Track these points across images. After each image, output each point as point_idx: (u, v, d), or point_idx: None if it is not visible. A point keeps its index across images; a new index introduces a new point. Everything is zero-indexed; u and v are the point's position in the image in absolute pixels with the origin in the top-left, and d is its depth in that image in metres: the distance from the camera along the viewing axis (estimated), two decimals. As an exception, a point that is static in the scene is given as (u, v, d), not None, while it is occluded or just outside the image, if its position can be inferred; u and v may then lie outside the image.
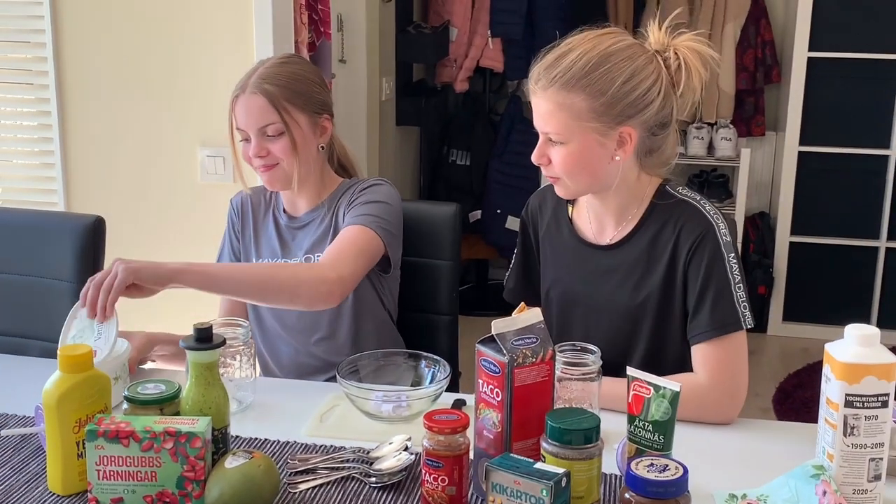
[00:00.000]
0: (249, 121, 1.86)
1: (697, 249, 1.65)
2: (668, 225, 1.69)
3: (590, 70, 1.59)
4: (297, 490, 1.38)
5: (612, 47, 1.61)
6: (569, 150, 1.62)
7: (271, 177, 1.90)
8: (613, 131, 1.61)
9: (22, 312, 2.03)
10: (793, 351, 4.43)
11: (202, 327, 1.38)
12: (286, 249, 1.97)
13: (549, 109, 1.62)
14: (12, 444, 1.51)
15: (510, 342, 1.31)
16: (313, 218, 1.96)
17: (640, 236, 1.71)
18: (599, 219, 1.76)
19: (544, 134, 1.65)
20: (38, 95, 2.96)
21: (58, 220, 2.13)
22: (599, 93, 1.58)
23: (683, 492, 1.17)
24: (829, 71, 4.45)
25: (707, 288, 1.64)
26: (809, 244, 4.60)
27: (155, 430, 1.28)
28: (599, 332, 1.73)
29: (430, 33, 4.59)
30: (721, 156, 4.63)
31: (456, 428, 1.29)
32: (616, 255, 1.73)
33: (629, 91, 1.60)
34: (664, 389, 1.30)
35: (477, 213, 4.87)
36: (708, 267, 1.64)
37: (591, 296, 1.76)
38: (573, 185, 1.68)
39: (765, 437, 1.60)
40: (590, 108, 1.59)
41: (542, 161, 1.67)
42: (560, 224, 1.82)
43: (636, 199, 1.72)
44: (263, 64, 1.91)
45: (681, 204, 1.70)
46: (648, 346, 1.73)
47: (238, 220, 2.04)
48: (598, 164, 1.64)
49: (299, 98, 1.88)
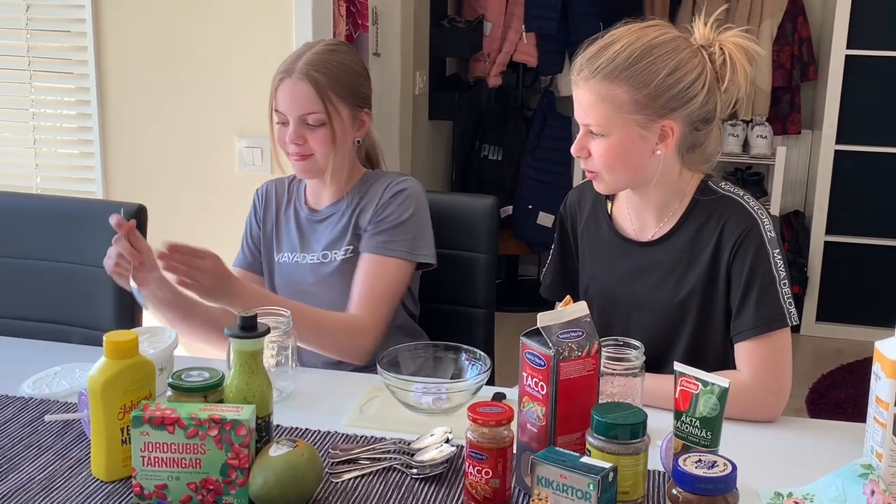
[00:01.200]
0: (292, 107, 1.84)
1: (742, 245, 1.63)
2: (710, 221, 1.67)
3: (633, 61, 1.57)
4: (339, 480, 1.38)
5: (656, 39, 1.60)
6: (609, 143, 1.60)
7: (304, 167, 1.89)
8: (655, 124, 1.60)
9: (63, 300, 2.04)
10: (826, 351, 4.39)
11: (247, 316, 1.38)
12: (305, 244, 1.96)
13: (591, 100, 1.59)
14: (55, 431, 1.52)
15: (556, 335, 1.30)
16: (334, 212, 1.95)
17: (681, 232, 1.69)
18: (640, 215, 1.74)
19: (585, 126, 1.63)
20: (79, 85, 2.98)
21: (100, 208, 2.14)
22: (643, 84, 1.57)
23: (732, 489, 1.16)
24: (867, 69, 4.41)
25: (752, 284, 1.62)
26: (844, 244, 4.56)
27: (200, 418, 1.29)
28: (640, 330, 1.71)
29: (463, 27, 4.58)
30: (756, 153, 4.59)
31: (501, 420, 1.28)
32: (657, 251, 1.71)
33: (673, 84, 1.58)
34: (712, 385, 1.29)
35: (508, 209, 4.86)
36: (753, 263, 1.62)
37: (631, 293, 1.74)
38: (612, 180, 1.66)
39: (806, 436, 1.58)
40: (632, 99, 1.57)
41: (581, 154, 1.65)
42: (599, 220, 1.80)
43: (677, 194, 1.70)
44: (311, 48, 1.88)
45: (724, 199, 1.69)
46: (689, 344, 1.71)
47: (261, 210, 2.03)
48: (639, 157, 1.62)
49: (345, 90, 1.86)
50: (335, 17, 2.97)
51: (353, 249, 1.91)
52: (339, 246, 1.92)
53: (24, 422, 1.55)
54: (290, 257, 1.97)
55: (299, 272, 1.96)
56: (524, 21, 4.66)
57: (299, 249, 1.96)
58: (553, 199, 4.78)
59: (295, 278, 1.96)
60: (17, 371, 1.75)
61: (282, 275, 1.99)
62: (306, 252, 1.95)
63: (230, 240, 2.24)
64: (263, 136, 2.85)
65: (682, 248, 1.69)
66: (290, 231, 1.99)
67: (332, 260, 1.93)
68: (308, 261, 1.95)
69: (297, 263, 1.96)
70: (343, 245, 1.92)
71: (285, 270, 1.98)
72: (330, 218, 1.95)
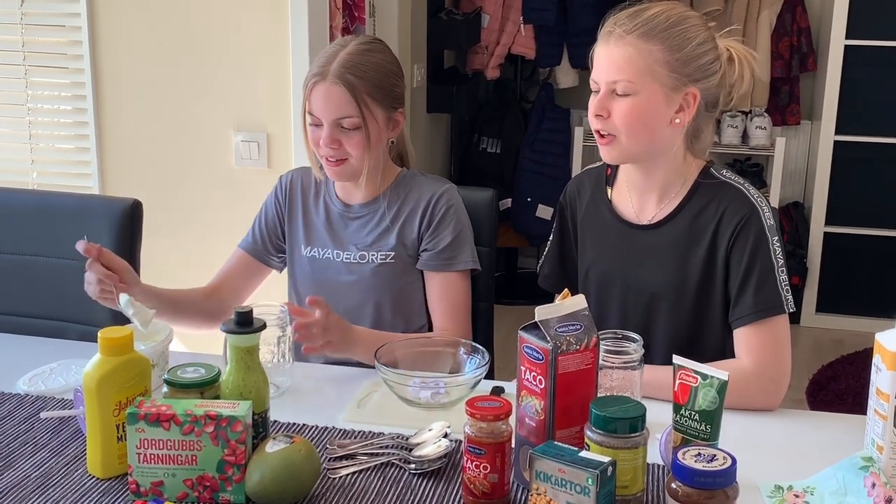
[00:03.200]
0: (326, 110, 1.81)
1: (741, 232, 1.65)
2: (710, 206, 1.69)
3: (670, 25, 1.63)
4: (337, 475, 1.37)
5: (687, 12, 1.67)
6: (634, 103, 1.62)
7: (339, 171, 1.86)
8: (682, 89, 1.63)
9: (60, 296, 2.03)
10: (826, 342, 4.38)
11: (243, 311, 1.37)
12: (337, 240, 1.93)
13: (627, 55, 1.61)
14: (51, 427, 1.51)
15: (554, 329, 1.29)
16: (369, 211, 1.92)
17: (682, 216, 1.71)
18: (641, 196, 1.75)
19: (609, 84, 1.63)
20: (74, 79, 2.96)
21: (95, 203, 2.13)
22: (677, 48, 1.62)
23: (731, 482, 1.15)
24: (866, 59, 4.39)
25: (751, 271, 1.64)
26: (844, 234, 4.54)
27: (196, 414, 1.28)
28: (637, 314, 1.74)
29: (461, 20, 4.56)
30: (755, 145, 4.58)
31: (499, 415, 1.28)
32: (657, 234, 1.72)
33: (702, 53, 1.64)
34: (711, 378, 1.28)
35: (507, 202, 4.84)
36: (752, 250, 1.64)
37: (629, 276, 1.75)
38: (628, 144, 1.65)
39: (805, 428, 1.58)
40: (665, 60, 1.61)
41: (602, 112, 1.64)
42: (599, 205, 1.81)
43: (680, 176, 1.72)
44: (344, 47, 1.83)
45: (724, 186, 1.71)
46: (687, 330, 1.72)
47: (284, 199, 1.99)
48: (659, 122, 1.64)
49: (380, 92, 1.83)
50: (331, 9, 2.96)
51: (394, 256, 1.90)
52: (378, 248, 1.90)
53: (19, 419, 1.55)
54: (321, 252, 1.94)
55: (330, 268, 1.94)
56: (522, 13, 4.64)
57: (331, 245, 1.94)
58: (552, 192, 4.76)
59: (325, 274, 1.94)
60: (13, 367, 1.74)
61: (307, 269, 1.96)
62: (339, 249, 1.93)
63: (227, 234, 2.23)
64: (260, 130, 2.85)
65: (681, 232, 1.70)
66: (318, 225, 1.96)
67: (369, 261, 1.91)
68: (343, 259, 1.93)
69: (328, 259, 1.94)
70: (383, 249, 1.90)
71: (313, 265, 1.95)
72: (366, 216, 1.93)
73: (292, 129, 2.82)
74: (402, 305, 1.93)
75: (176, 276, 2.60)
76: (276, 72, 2.80)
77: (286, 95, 2.81)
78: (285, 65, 2.79)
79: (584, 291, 1.74)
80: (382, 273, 1.91)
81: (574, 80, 4.86)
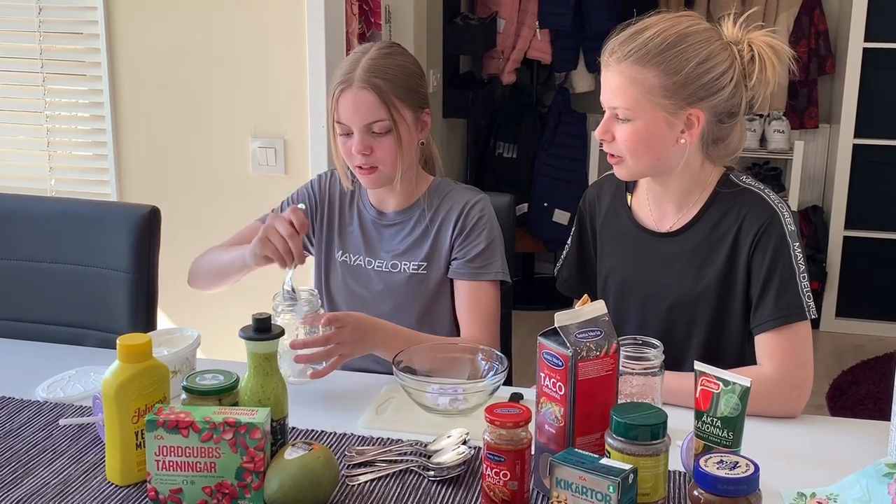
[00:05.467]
0: (356, 117, 1.79)
1: (762, 238, 1.64)
2: (730, 213, 1.68)
3: (666, 48, 1.59)
4: (355, 482, 1.37)
5: (689, 29, 1.62)
6: (635, 128, 1.61)
7: (373, 179, 1.84)
8: (682, 112, 1.61)
9: (78, 303, 2.03)
10: (846, 347, 4.35)
11: (261, 318, 1.37)
12: (370, 248, 1.92)
13: (621, 83, 1.61)
14: (70, 434, 1.52)
15: (574, 335, 1.28)
16: (404, 219, 1.91)
17: (701, 224, 1.70)
18: (660, 205, 1.75)
19: (611, 109, 1.64)
20: (91, 87, 2.97)
21: (113, 210, 2.13)
22: (673, 71, 1.59)
23: (755, 490, 1.14)
24: (885, 62, 4.36)
25: (772, 277, 1.63)
26: (864, 238, 4.51)
27: (214, 421, 1.28)
28: (657, 322, 1.73)
29: (477, 25, 4.56)
30: (774, 148, 4.55)
31: (518, 422, 1.27)
32: (676, 242, 1.72)
33: (703, 73, 1.60)
34: (734, 385, 1.26)
35: (524, 207, 4.83)
36: (773, 255, 1.63)
37: (649, 283, 1.74)
38: (635, 165, 1.66)
39: (827, 434, 1.57)
40: (662, 85, 1.59)
41: (605, 137, 1.65)
42: (618, 212, 1.80)
43: (699, 185, 1.71)
44: (365, 53, 1.82)
45: (744, 192, 1.69)
46: (707, 338, 1.71)
47: (319, 199, 1.96)
48: (663, 144, 1.63)
49: (407, 94, 1.82)
50: (348, 15, 2.96)
51: (426, 266, 1.89)
52: (411, 257, 1.89)
53: (38, 426, 1.55)
54: (353, 259, 1.93)
55: (362, 276, 1.93)
56: (538, 18, 4.63)
57: (364, 253, 1.93)
58: (568, 197, 4.75)
59: (358, 281, 1.93)
60: (32, 374, 1.74)
61: (341, 274, 1.95)
62: (372, 257, 1.92)
63: (244, 240, 2.22)
64: (277, 137, 2.85)
65: (701, 239, 1.69)
66: (353, 231, 1.94)
67: (401, 271, 1.90)
68: (375, 266, 1.92)
69: (361, 267, 1.93)
70: (416, 258, 1.89)
71: (346, 271, 1.94)
72: (399, 224, 1.92)
73: (309, 136, 2.82)
74: (430, 317, 1.91)
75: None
76: (293, 78, 2.81)
77: (303, 102, 2.81)
78: (302, 71, 2.79)
79: (602, 298, 1.75)
80: (413, 282, 1.90)
81: (590, 85, 4.84)
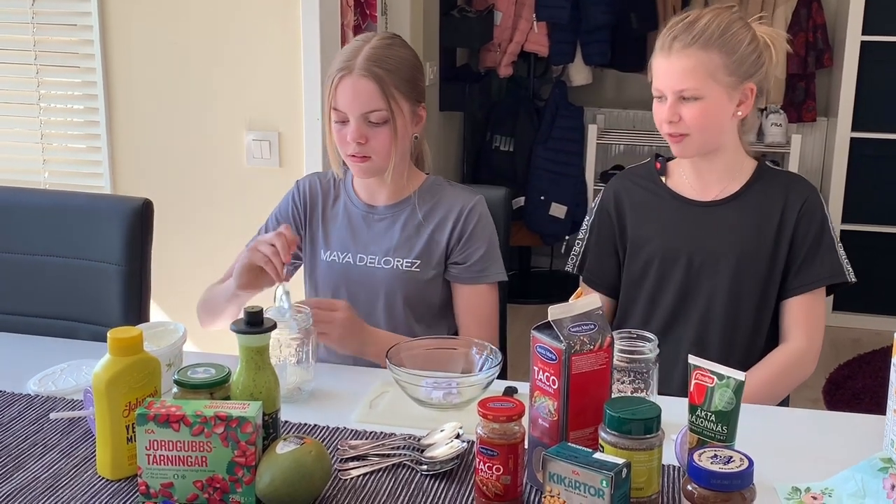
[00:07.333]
0: (354, 104, 1.78)
1: (807, 208, 1.85)
2: (775, 187, 1.87)
3: (723, 32, 1.79)
4: (348, 477, 1.36)
5: (731, 16, 1.83)
6: (703, 105, 1.78)
7: (365, 168, 1.84)
8: (740, 87, 1.80)
9: (71, 296, 2.02)
10: (843, 341, 4.34)
11: (253, 311, 1.36)
12: (358, 243, 1.91)
13: (690, 66, 1.77)
14: (60, 428, 1.51)
15: (567, 329, 1.27)
16: (394, 213, 1.90)
17: (749, 193, 1.87)
18: (702, 177, 1.90)
19: (676, 92, 1.79)
20: (85, 79, 2.96)
21: (106, 203, 2.12)
22: (732, 51, 1.78)
23: (748, 484, 1.14)
24: (883, 55, 4.34)
25: (819, 242, 1.84)
26: (861, 232, 4.50)
27: (206, 415, 1.27)
28: (700, 287, 1.86)
29: (474, 17, 4.54)
30: (771, 142, 4.54)
31: (511, 416, 1.26)
32: (724, 209, 1.87)
33: (752, 51, 1.81)
34: (728, 379, 1.26)
35: (520, 200, 4.82)
36: (819, 225, 1.84)
37: (695, 251, 1.87)
38: (701, 139, 1.82)
39: (823, 428, 1.57)
40: (724, 64, 1.78)
41: (674, 119, 1.80)
42: (657, 193, 1.93)
43: (739, 163, 1.89)
44: (367, 42, 1.82)
45: (784, 173, 1.97)
46: (756, 303, 1.85)
47: (302, 206, 1.96)
48: (725, 117, 1.82)
49: (406, 86, 1.81)
50: (343, 7, 2.95)
51: (420, 264, 1.89)
52: (404, 254, 1.88)
53: (29, 419, 1.54)
54: (340, 257, 1.92)
55: (351, 272, 1.91)
56: (535, 10, 4.62)
57: (352, 249, 1.91)
58: (565, 190, 4.75)
59: (346, 278, 1.92)
60: (23, 368, 1.73)
61: (328, 273, 1.94)
62: (362, 252, 1.90)
63: (238, 233, 2.22)
64: (272, 129, 2.84)
65: (752, 208, 1.86)
66: (338, 228, 1.93)
67: (394, 267, 1.89)
68: (366, 263, 1.90)
69: (348, 264, 1.91)
70: (410, 256, 1.88)
71: (333, 269, 1.93)
72: (390, 219, 1.90)
73: (304, 128, 2.81)
74: (422, 313, 1.91)
75: (187, 276, 2.60)
76: (287, 70, 2.80)
77: (298, 94, 2.80)
78: (297, 63, 2.78)
79: (642, 274, 1.92)
80: (406, 279, 1.89)
81: (587, 78, 4.83)
